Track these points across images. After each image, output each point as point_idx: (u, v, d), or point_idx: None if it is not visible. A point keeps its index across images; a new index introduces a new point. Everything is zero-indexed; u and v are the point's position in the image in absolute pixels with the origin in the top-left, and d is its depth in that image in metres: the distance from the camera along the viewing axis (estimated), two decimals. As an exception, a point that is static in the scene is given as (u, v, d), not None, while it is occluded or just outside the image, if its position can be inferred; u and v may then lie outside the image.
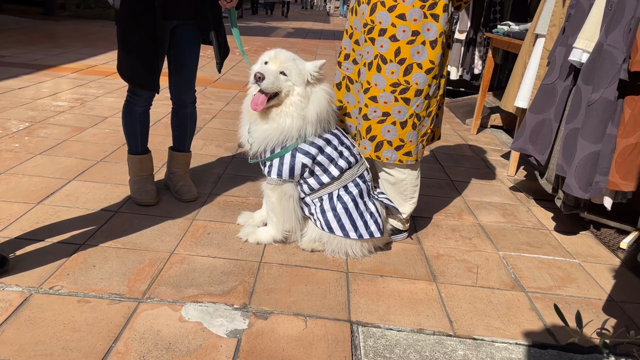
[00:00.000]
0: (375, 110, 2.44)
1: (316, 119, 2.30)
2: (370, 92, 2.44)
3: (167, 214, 2.76)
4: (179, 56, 2.75)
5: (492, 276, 2.46)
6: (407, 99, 2.41)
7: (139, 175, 2.90)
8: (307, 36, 13.86)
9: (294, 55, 2.34)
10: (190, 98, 2.90)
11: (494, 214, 3.22)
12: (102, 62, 6.98)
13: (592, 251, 2.83)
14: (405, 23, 2.31)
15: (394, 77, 2.38)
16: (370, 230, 2.41)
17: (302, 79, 2.29)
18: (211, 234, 2.59)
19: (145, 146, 2.91)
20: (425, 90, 2.41)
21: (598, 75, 2.53)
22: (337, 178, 2.38)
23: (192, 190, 2.95)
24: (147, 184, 2.89)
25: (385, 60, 2.38)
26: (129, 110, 2.80)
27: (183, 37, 2.71)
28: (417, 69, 2.37)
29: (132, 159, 2.89)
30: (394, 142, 2.46)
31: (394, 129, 2.44)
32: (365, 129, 2.48)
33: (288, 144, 2.31)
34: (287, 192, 2.39)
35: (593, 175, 2.59)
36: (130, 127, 2.83)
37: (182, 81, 2.82)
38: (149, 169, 2.94)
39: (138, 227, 2.58)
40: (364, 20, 2.41)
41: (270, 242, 2.52)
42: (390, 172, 2.58)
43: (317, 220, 2.43)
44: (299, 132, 2.29)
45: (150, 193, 2.84)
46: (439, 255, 2.61)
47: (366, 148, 2.51)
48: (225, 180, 3.33)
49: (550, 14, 3.41)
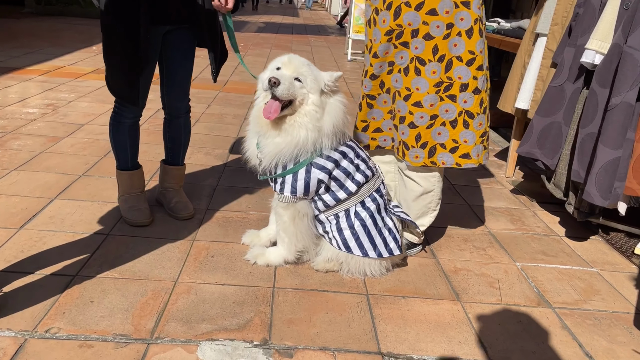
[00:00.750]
0: (422, 116, 2.29)
1: (332, 131, 2.13)
2: (412, 98, 2.28)
3: (164, 235, 2.55)
4: (172, 63, 2.54)
5: (515, 291, 2.34)
6: (452, 96, 2.26)
7: (130, 193, 2.68)
8: (279, 31, 13.60)
9: (308, 61, 2.16)
10: (185, 107, 2.69)
11: (502, 221, 3.11)
12: (71, 63, 6.62)
13: (607, 258, 2.76)
14: (438, 18, 2.16)
15: (436, 77, 2.23)
16: (390, 248, 2.27)
17: (317, 86, 2.11)
18: (215, 256, 2.40)
19: (135, 161, 2.69)
20: (472, 84, 2.26)
21: (618, 78, 2.44)
22: (355, 193, 2.22)
23: (189, 207, 2.74)
24: (140, 201, 2.67)
25: (423, 62, 2.22)
26: (117, 122, 2.57)
27: (175, 42, 2.50)
28: (458, 62, 2.22)
29: (121, 175, 2.66)
30: (448, 144, 2.32)
31: (445, 130, 2.30)
32: (415, 137, 2.32)
33: (302, 158, 2.14)
34: (301, 210, 2.22)
35: (613, 181, 2.50)
36: (119, 140, 2.60)
37: (176, 89, 2.61)
38: (141, 186, 2.72)
39: (135, 252, 2.36)
40: (386, 28, 2.24)
41: (281, 264, 2.35)
42: (419, 183, 2.43)
43: (332, 239, 2.27)
44: (314, 145, 2.12)
45: (143, 212, 2.62)
46: (456, 270, 2.48)
47: (418, 157, 2.35)
48: (221, 192, 3.13)
49: (552, 13, 3.31)
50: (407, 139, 2.33)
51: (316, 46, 10.77)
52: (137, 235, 2.52)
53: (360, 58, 9.38)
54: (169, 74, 2.57)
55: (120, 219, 2.65)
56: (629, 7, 2.57)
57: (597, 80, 2.67)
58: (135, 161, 2.68)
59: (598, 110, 2.66)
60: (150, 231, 2.57)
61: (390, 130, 2.46)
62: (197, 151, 3.81)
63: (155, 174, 3.26)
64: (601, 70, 2.64)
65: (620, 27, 2.56)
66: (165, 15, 2.37)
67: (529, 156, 3.12)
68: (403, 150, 2.37)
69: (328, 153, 2.16)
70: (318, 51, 9.99)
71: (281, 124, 2.13)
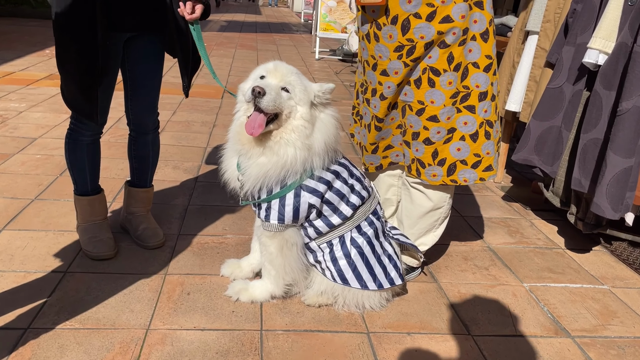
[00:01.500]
0: (438, 131, 2.03)
1: (324, 149, 1.86)
2: (426, 112, 2.02)
3: (131, 269, 2.23)
4: (136, 74, 2.22)
5: (529, 319, 2.12)
6: (471, 107, 2.01)
7: (91, 221, 2.34)
8: (243, 29, 13.21)
9: (296, 69, 1.88)
10: (152, 123, 2.37)
11: (500, 233, 2.90)
12: (21, 68, 6.13)
13: (616, 272, 2.57)
14: (454, 24, 1.90)
15: (453, 87, 1.98)
16: (391, 277, 2.01)
17: (307, 98, 1.84)
18: (192, 293, 2.10)
19: (96, 184, 2.35)
20: (490, 91, 2.02)
21: (629, 80, 2.24)
22: (350, 218, 1.95)
23: (158, 234, 2.42)
24: (102, 231, 2.33)
25: (437, 72, 1.96)
26: (74, 140, 2.24)
27: (140, 51, 2.18)
28: (474, 69, 1.98)
29: (80, 201, 2.33)
30: (469, 160, 2.06)
31: (465, 144, 2.04)
32: (431, 155, 2.06)
33: (290, 181, 1.86)
34: (289, 239, 1.94)
35: (625, 192, 2.31)
36: (76, 161, 2.27)
37: (141, 103, 2.29)
38: (103, 212, 2.38)
39: (98, 294, 2.04)
40: (395, 44, 1.95)
41: (267, 300, 2.07)
42: (431, 198, 2.19)
43: (326, 269, 2.00)
44: (304, 165, 1.84)
45: (106, 243, 2.29)
46: (461, 295, 2.25)
47: (436, 175, 2.09)
48: (194, 213, 2.82)
49: (543, 9, 3.12)
50: (423, 156, 2.08)
51: (282, 45, 10.46)
52: (100, 271, 2.19)
53: (329, 57, 9.12)
54: (134, 85, 2.25)
55: (80, 251, 2.32)
56: (635, 3, 2.38)
57: (601, 81, 2.47)
58: (95, 184, 2.35)
59: (603, 115, 2.47)
60: (116, 265, 2.24)
61: (401, 145, 2.20)
62: (164, 165, 3.47)
63: (118, 193, 2.92)
64: (606, 71, 2.44)
65: (626, 24, 2.37)
66: (124, 20, 2.05)
67: (526, 163, 2.91)
68: (418, 168, 2.11)
69: (319, 174, 1.88)
70: (284, 50, 9.68)
71: (265, 141, 1.84)
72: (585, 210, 2.68)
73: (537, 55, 3.15)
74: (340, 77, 7.29)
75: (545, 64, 3.01)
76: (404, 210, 2.26)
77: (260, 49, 9.51)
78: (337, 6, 8.43)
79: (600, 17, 2.53)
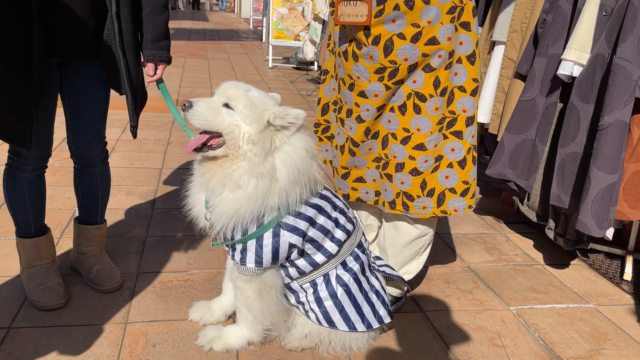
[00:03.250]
0: (426, 160, 1.88)
1: (291, 182, 1.65)
2: (412, 141, 1.86)
3: (85, 319, 1.97)
4: (76, 100, 1.97)
5: (522, 348, 2.01)
6: (458, 132, 1.88)
7: (37, 265, 2.07)
8: (191, 37, 12.83)
9: (251, 87, 1.67)
10: (98, 155, 2.10)
11: (478, 251, 2.80)
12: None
13: (598, 288, 2.51)
14: (439, 46, 1.75)
15: (439, 113, 1.83)
16: (380, 316, 1.85)
17: (254, 115, 1.60)
18: (157, 345, 1.87)
19: (41, 224, 2.09)
20: (475, 116, 1.90)
21: (610, 94, 2.18)
22: (335, 255, 1.78)
23: (115, 276, 2.17)
24: (49, 276, 2.07)
25: (423, 98, 1.81)
26: (12, 177, 1.97)
27: (80, 74, 1.93)
28: (461, 93, 1.84)
29: (23, 243, 2.06)
30: (458, 188, 1.93)
31: (453, 172, 1.91)
32: (420, 186, 1.91)
33: (267, 219, 1.66)
34: (267, 282, 1.75)
35: (609, 208, 2.24)
36: (16, 201, 2.00)
37: (83, 132, 2.02)
38: (50, 255, 2.12)
39: (47, 353, 1.78)
40: (376, 65, 1.79)
41: (244, 347, 1.86)
42: (417, 226, 2.04)
43: (310, 311, 1.82)
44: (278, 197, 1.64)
45: (55, 290, 2.03)
46: (450, 327, 2.12)
47: (426, 207, 1.93)
48: (153, 246, 2.57)
49: (509, 19, 3.05)
50: (410, 188, 1.92)
51: (233, 53, 10.19)
52: (50, 324, 1.93)
53: (283, 65, 8.94)
54: (73, 114, 1.99)
55: (25, 301, 2.04)
56: (608, 13, 2.32)
57: (577, 94, 2.41)
58: (40, 224, 2.08)
59: (581, 128, 2.40)
60: (68, 316, 1.98)
61: (374, 182, 2.02)
62: (116, 191, 3.19)
63: (67, 227, 2.64)
64: (582, 84, 2.38)
65: (602, 35, 2.31)
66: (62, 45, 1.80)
67: (500, 177, 2.83)
68: (405, 202, 1.94)
69: (299, 209, 1.70)
70: (236, 59, 9.42)
71: (224, 169, 1.64)
72: (565, 225, 2.61)
73: (505, 66, 3.08)
74: (296, 86, 7.12)
75: (514, 75, 2.94)
76: (387, 238, 2.11)
77: (211, 58, 9.21)
78: (289, 13, 8.26)
79: (573, 27, 2.47)
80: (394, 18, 1.72)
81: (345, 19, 1.76)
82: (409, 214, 1.95)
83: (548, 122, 2.64)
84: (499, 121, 3.12)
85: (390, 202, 1.97)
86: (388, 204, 1.98)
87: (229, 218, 1.65)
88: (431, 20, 1.72)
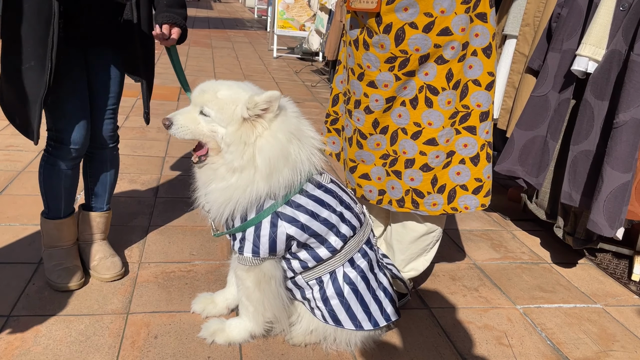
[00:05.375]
0: (437, 155, 1.83)
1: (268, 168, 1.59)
2: (423, 135, 1.81)
3: (87, 309, 1.94)
4: (94, 80, 1.99)
5: (528, 347, 1.98)
6: (471, 128, 1.82)
7: (57, 246, 2.06)
8: (195, 25, 12.74)
9: (220, 85, 1.63)
10: (111, 137, 2.10)
11: (484, 248, 2.77)
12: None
13: (605, 288, 2.48)
14: (452, 37, 1.70)
15: (452, 107, 1.78)
16: (387, 314, 1.82)
17: (226, 117, 1.57)
18: (160, 336, 1.84)
19: (71, 208, 2.11)
20: (491, 111, 1.84)
21: (626, 91, 2.13)
22: (340, 250, 1.74)
23: (117, 265, 2.14)
24: (69, 258, 2.07)
25: (435, 91, 1.76)
26: (51, 166, 1.99)
27: (100, 59, 1.97)
28: (475, 87, 1.79)
29: (47, 224, 2.06)
30: (470, 185, 1.87)
31: (465, 168, 1.85)
32: (430, 182, 1.86)
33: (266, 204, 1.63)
34: (267, 272, 1.71)
35: (622, 208, 2.20)
36: (52, 188, 2.03)
37: (97, 111, 2.02)
38: (72, 236, 2.13)
39: (48, 343, 1.75)
40: (386, 55, 1.74)
41: (247, 340, 1.83)
42: (425, 222, 2.00)
43: (316, 309, 1.78)
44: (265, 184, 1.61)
45: (72, 272, 2.02)
46: (456, 324, 2.08)
47: (436, 204, 1.89)
48: (156, 236, 2.54)
49: (522, 12, 2.99)
50: (421, 185, 1.87)
51: (237, 42, 10.12)
52: (50, 312, 1.90)
53: (288, 55, 8.87)
54: (90, 90, 1.99)
55: (25, 289, 2.01)
56: (626, 8, 2.27)
57: (592, 91, 2.36)
58: (70, 208, 2.10)
59: (595, 125, 2.36)
60: (69, 305, 1.95)
61: (379, 181, 1.96)
62: (119, 179, 3.13)
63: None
64: (597, 80, 2.33)
65: (619, 31, 2.26)
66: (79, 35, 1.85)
67: (509, 174, 2.79)
68: (414, 199, 1.90)
69: (298, 200, 1.66)
70: (240, 48, 9.36)
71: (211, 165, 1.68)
72: (574, 224, 2.57)
73: (516, 60, 3.02)
74: (301, 77, 7.06)
75: (526, 69, 2.89)
76: (395, 234, 2.07)
77: (215, 46, 9.15)
78: (295, 3, 8.18)
79: (589, 22, 2.41)
80: (406, 6, 1.67)
81: (356, 5, 1.72)
82: (419, 211, 1.91)
83: (560, 118, 2.59)
84: (509, 117, 3.07)
85: (398, 200, 1.93)
86: (396, 202, 1.93)
87: (221, 205, 1.65)
88: (444, 9, 1.67)
